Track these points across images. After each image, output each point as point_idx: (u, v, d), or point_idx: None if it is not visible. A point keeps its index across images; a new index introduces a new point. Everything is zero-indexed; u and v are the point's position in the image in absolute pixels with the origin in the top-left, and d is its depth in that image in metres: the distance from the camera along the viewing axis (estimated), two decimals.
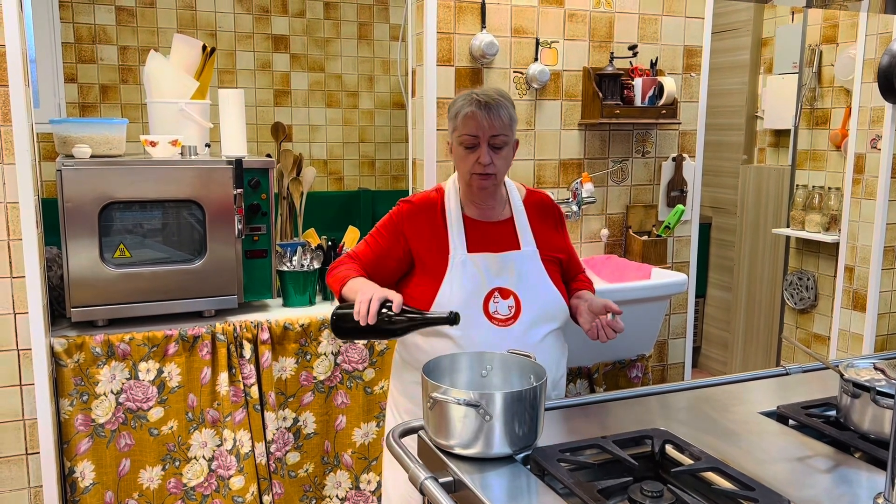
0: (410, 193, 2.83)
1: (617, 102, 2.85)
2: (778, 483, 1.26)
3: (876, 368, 1.51)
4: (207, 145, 2.77)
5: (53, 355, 2.28)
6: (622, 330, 1.77)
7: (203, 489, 2.48)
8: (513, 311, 1.82)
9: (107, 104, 3.72)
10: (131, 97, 3.74)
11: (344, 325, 1.67)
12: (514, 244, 1.88)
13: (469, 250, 1.84)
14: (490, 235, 1.88)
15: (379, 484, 2.76)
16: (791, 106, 3.96)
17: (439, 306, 1.79)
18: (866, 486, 1.28)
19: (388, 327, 1.62)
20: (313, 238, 2.92)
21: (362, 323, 1.59)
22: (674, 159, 3.12)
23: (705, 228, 4.70)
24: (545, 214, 1.97)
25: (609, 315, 1.77)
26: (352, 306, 1.64)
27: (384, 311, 1.61)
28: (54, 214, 2.33)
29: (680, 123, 3.07)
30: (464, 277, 1.81)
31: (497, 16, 2.72)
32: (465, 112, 1.78)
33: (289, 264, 2.74)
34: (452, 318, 1.60)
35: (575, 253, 2.04)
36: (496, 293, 1.82)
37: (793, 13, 4.06)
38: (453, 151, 1.86)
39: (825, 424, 1.50)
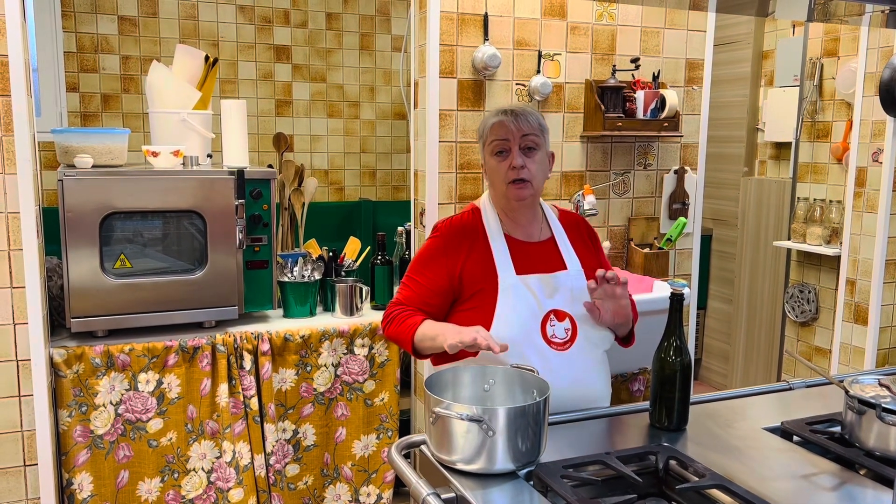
0: (413, 205, 2.83)
1: (619, 115, 2.85)
2: (783, 500, 1.25)
3: (881, 385, 1.50)
4: (209, 155, 2.77)
5: (52, 366, 2.27)
6: (620, 282, 1.72)
7: (202, 501, 2.47)
8: (570, 333, 1.76)
9: (108, 114, 3.72)
10: (133, 107, 3.74)
11: None
12: (560, 264, 1.82)
13: (517, 272, 1.77)
14: (535, 256, 1.81)
15: (378, 496, 2.74)
16: (792, 119, 3.97)
17: (497, 332, 1.69)
18: None
19: None
20: (314, 249, 2.92)
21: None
22: (675, 172, 3.11)
23: (706, 240, 4.70)
24: (580, 234, 1.92)
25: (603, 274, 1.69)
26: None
27: None
28: (55, 224, 2.32)
29: (682, 136, 3.06)
30: (517, 301, 1.73)
31: (499, 28, 2.72)
32: (492, 122, 1.78)
33: (290, 275, 2.73)
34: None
35: (613, 269, 2.00)
36: (552, 315, 1.76)
37: (794, 26, 4.07)
38: (487, 168, 1.81)
39: (830, 441, 1.49)
